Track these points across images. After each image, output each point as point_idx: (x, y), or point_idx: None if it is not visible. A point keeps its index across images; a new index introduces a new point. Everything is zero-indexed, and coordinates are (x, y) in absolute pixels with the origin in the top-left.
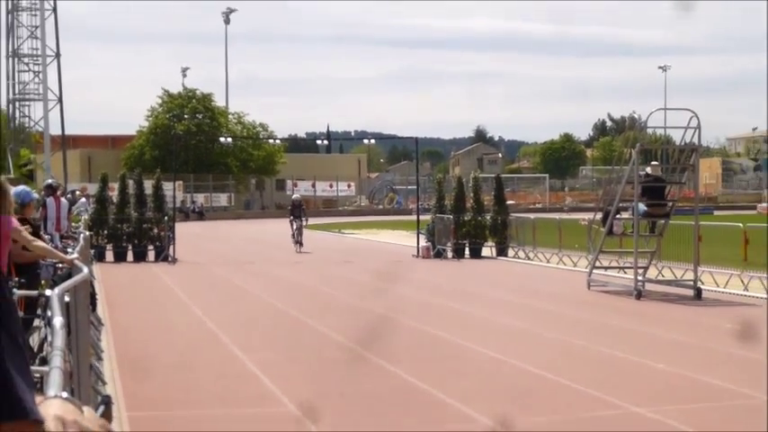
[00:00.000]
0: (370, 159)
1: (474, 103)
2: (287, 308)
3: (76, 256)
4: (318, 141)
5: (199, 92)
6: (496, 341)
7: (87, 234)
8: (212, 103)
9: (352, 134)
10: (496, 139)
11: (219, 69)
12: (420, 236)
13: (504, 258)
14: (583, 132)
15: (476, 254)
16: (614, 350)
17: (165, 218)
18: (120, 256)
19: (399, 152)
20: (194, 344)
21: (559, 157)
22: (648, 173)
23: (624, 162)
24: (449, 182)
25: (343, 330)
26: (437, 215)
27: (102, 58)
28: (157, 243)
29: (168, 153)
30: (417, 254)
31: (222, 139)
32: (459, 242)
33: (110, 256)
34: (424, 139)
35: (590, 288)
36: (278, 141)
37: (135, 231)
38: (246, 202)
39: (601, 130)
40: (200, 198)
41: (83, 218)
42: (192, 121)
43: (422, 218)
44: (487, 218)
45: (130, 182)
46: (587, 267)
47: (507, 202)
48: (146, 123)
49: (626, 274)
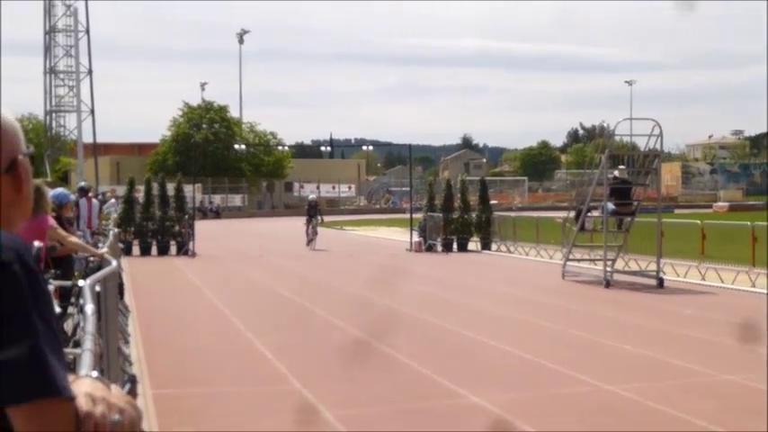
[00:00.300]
0: (369, 164)
1: (461, 113)
2: (294, 296)
3: (106, 250)
4: (322, 148)
5: (216, 104)
6: (479, 325)
7: (116, 231)
8: (227, 114)
9: (353, 141)
10: (481, 145)
11: (234, 84)
12: (413, 232)
13: (488, 252)
14: (558, 140)
15: (463, 248)
16: (585, 333)
17: (186, 216)
18: (146, 251)
19: (394, 157)
20: (211, 329)
21: (537, 162)
22: (616, 176)
23: (595, 166)
24: (438, 184)
25: (345, 316)
26: (428, 213)
27: (130, 74)
28: (179, 239)
29: (188, 159)
30: (410, 248)
31: (236, 146)
32: (448, 237)
33: (136, 250)
34: (417, 146)
35: (564, 278)
36: (286, 148)
37: (159, 228)
38: (258, 202)
39: (574, 137)
40: (216, 199)
41: (112, 216)
42: (210, 130)
43: (414, 216)
44: (473, 216)
45: (155, 184)
46: (562, 260)
47: (491, 202)
48: (168, 132)
49: (596, 265)
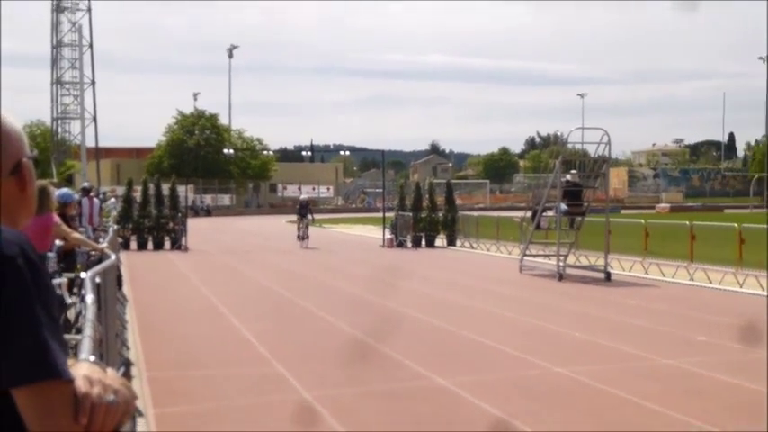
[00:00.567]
0: (346, 168)
1: (429, 122)
2: (277, 287)
3: (106, 245)
4: (303, 152)
5: (207, 112)
6: (443, 313)
7: (115, 227)
8: (218, 121)
9: (331, 147)
10: (447, 151)
11: (224, 94)
12: (386, 229)
13: (453, 248)
14: (517, 146)
15: (430, 244)
16: (540, 321)
17: (179, 214)
18: (142, 246)
19: (369, 162)
20: (201, 316)
21: (498, 167)
22: (569, 179)
23: (549, 170)
24: (409, 186)
25: (323, 305)
26: (399, 213)
27: (129, 85)
28: (172, 235)
29: (182, 162)
30: (383, 244)
31: (225, 151)
32: (417, 234)
33: (134, 245)
34: (389, 152)
35: (521, 272)
36: (271, 152)
37: (154, 225)
38: (245, 201)
39: (531, 144)
40: (207, 198)
41: (112, 214)
42: (202, 136)
43: (387, 215)
44: (440, 215)
45: (151, 185)
46: (519, 255)
47: (456, 203)
48: (164, 138)
49: (550, 260)
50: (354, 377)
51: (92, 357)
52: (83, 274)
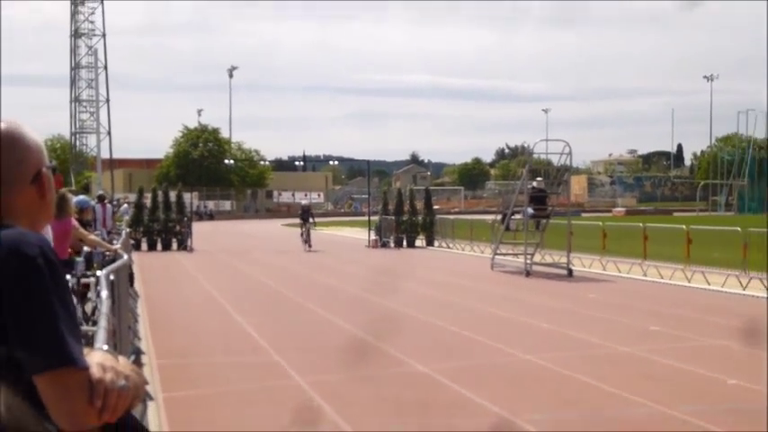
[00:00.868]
0: (335, 176)
1: (410, 135)
2: (274, 284)
3: (119, 246)
4: (297, 162)
5: (210, 127)
6: (423, 307)
7: (128, 230)
8: (219, 134)
9: (322, 157)
10: (426, 161)
11: (225, 110)
12: (371, 231)
13: (432, 247)
14: (488, 157)
15: (411, 244)
16: (509, 313)
17: (185, 218)
18: (152, 247)
19: (356, 171)
20: (205, 310)
21: (471, 175)
22: (534, 186)
23: (517, 178)
24: (391, 192)
25: (314, 300)
26: (383, 216)
27: (140, 102)
28: (179, 237)
29: (187, 171)
30: (369, 244)
31: (226, 161)
32: (399, 235)
33: (144, 246)
34: (374, 161)
35: (493, 269)
36: (267, 162)
37: (163, 228)
38: (244, 207)
39: (501, 155)
40: (210, 204)
41: (124, 218)
42: (205, 148)
43: (372, 218)
44: (419, 218)
45: (160, 192)
46: (491, 254)
47: (434, 207)
48: (171, 150)
49: (518, 258)
50: (343, 365)
51: (105, 347)
52: (98, 273)
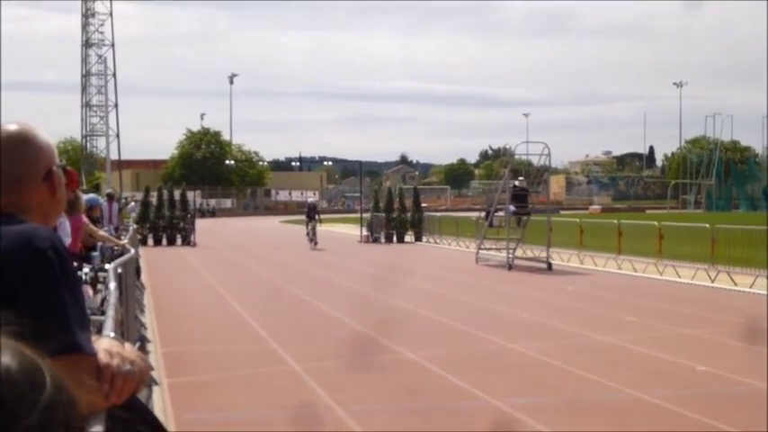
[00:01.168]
0: (329, 176)
1: (399, 137)
2: (272, 277)
3: (127, 241)
4: (293, 163)
5: (212, 130)
6: (411, 298)
7: (135, 226)
8: (221, 137)
9: (317, 158)
10: (415, 162)
11: (226, 114)
12: (363, 227)
13: (420, 243)
14: (473, 158)
15: (400, 240)
16: (493, 304)
17: (188, 215)
18: (158, 242)
19: (349, 171)
20: (207, 301)
21: (457, 175)
22: (516, 185)
23: (500, 178)
24: (382, 191)
25: (310, 292)
26: (374, 213)
27: (147, 107)
28: (183, 233)
29: (191, 171)
30: (361, 240)
31: (227, 162)
32: (389, 231)
33: (150, 241)
34: (366, 162)
35: (477, 263)
36: (266, 163)
37: (168, 224)
38: (244, 204)
39: (484, 156)
40: (212, 202)
41: (132, 215)
42: (207, 149)
43: (364, 215)
44: (408, 215)
45: (165, 191)
46: (476, 248)
47: (422, 205)
48: (176, 151)
49: (501, 253)
50: (336, 352)
51: (112, 334)
52: (107, 266)
